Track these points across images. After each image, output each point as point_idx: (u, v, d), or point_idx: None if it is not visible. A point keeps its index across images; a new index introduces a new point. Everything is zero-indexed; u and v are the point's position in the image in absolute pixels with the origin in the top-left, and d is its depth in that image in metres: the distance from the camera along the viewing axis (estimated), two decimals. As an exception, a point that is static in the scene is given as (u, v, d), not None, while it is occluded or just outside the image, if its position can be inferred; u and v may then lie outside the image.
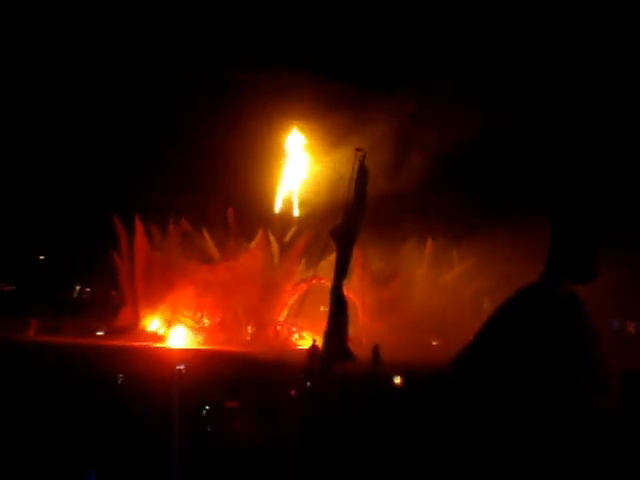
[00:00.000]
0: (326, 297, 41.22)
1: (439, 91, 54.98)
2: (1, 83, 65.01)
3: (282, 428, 14.34)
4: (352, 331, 40.60)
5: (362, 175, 25.67)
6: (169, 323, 54.70)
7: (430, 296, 55.46)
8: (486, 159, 61.53)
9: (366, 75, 66.39)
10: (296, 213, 65.91)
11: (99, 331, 53.07)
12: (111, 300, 65.40)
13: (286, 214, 65.80)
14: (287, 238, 61.09)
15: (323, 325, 37.58)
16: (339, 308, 34.45)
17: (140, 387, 19.82)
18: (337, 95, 58.37)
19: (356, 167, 26.37)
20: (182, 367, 25.19)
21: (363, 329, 50.88)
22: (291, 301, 57.59)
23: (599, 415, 4.76)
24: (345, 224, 30.80)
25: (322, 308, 45.08)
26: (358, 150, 26.58)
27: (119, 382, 21.09)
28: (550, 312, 4.98)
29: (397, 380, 25.13)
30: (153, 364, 27.73)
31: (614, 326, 53.16)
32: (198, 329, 55.22)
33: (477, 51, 61.67)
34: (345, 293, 38.82)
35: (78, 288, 77.33)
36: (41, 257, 75.60)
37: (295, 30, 70.70)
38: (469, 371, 5.09)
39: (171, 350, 44.86)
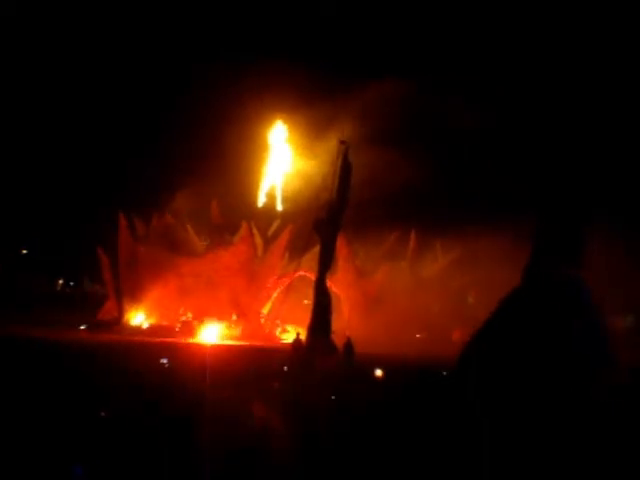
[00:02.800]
0: (310, 290, 41.38)
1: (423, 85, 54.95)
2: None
3: (271, 420, 14.38)
4: (336, 324, 40.75)
5: (346, 168, 25.75)
6: (201, 319, 54.36)
7: (414, 289, 55.55)
8: (471, 152, 61.68)
9: (350, 66, 66.47)
10: (279, 207, 65.85)
11: (82, 325, 52.81)
12: (95, 294, 65.25)
13: (270, 208, 65.72)
14: (270, 232, 61.03)
15: (307, 318, 37.66)
16: (323, 301, 34.57)
17: (130, 378, 19.81)
18: (321, 87, 58.33)
19: (340, 160, 26.37)
20: (165, 361, 25.27)
21: (347, 322, 50.90)
22: (275, 294, 57.57)
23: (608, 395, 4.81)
24: (329, 217, 30.79)
25: (306, 301, 45.13)
26: (342, 143, 26.55)
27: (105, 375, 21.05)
28: (564, 299, 5.02)
29: (378, 373, 25.24)
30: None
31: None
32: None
33: (461, 48, 61.79)
34: (329, 286, 38.89)
35: (61, 282, 77.15)
36: (24, 251, 75.28)
37: (278, 23, 70.79)
38: (478, 362, 5.09)
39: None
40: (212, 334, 51.34)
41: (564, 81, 60.35)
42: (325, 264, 38.30)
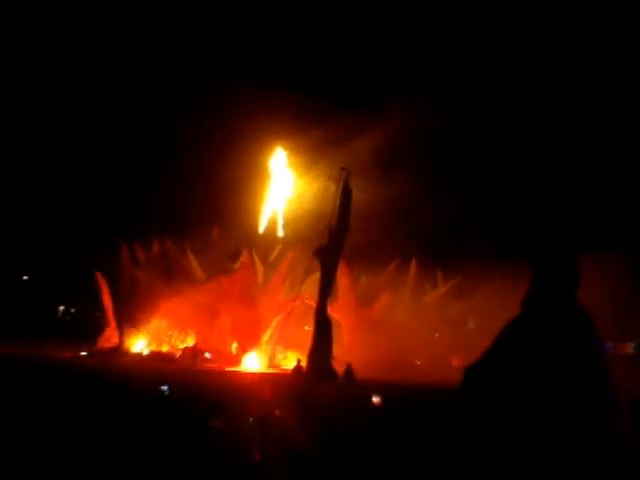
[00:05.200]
0: (310, 317, 41.25)
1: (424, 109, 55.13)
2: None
3: (268, 448, 14.33)
4: (337, 351, 40.67)
5: (346, 195, 25.82)
6: (244, 347, 54.32)
7: (414, 316, 55.46)
8: (472, 178, 61.85)
9: (351, 92, 66.79)
10: (280, 233, 65.84)
11: (82, 352, 52.70)
12: (95, 320, 65.10)
13: (271, 234, 65.70)
14: (272, 258, 61.00)
15: (307, 345, 37.53)
16: (323, 328, 34.59)
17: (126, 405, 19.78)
18: (321, 113, 58.59)
19: (340, 187, 26.40)
20: (166, 388, 25.18)
21: (348, 348, 50.82)
22: (275, 321, 57.41)
23: (612, 438, 4.83)
24: (330, 244, 30.78)
25: (306, 327, 45.08)
26: (342, 169, 26.59)
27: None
28: (561, 325, 5.07)
29: (376, 400, 25.24)
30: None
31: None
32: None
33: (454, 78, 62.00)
34: (330, 313, 38.87)
35: (62, 308, 77.03)
36: (25, 277, 75.24)
37: (276, 49, 71.21)
38: (486, 385, 5.13)
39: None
40: (253, 362, 51.51)
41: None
42: (326, 291, 38.31)
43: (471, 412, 5.43)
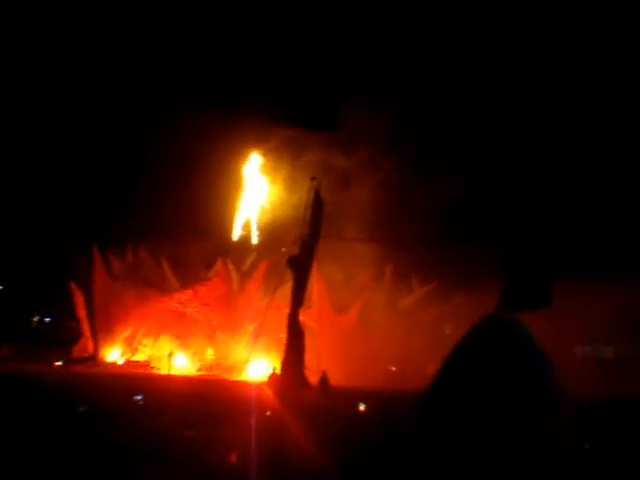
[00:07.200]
0: (284, 324, 41.11)
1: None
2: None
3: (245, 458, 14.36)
4: (311, 358, 40.65)
5: (317, 204, 25.89)
6: (248, 357, 54.25)
7: (390, 322, 55.49)
8: (442, 185, 61.91)
9: (322, 98, 66.69)
10: (255, 240, 65.86)
11: (57, 361, 52.43)
12: (70, 330, 64.74)
13: (245, 241, 65.68)
14: (246, 265, 60.95)
15: (282, 351, 37.38)
16: (296, 336, 34.54)
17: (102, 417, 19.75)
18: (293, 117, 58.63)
19: (311, 196, 26.45)
20: (140, 398, 25.13)
21: (323, 356, 50.85)
22: (250, 328, 57.36)
23: (550, 440, 4.92)
24: (301, 254, 30.78)
25: (281, 335, 45.13)
26: (313, 179, 26.64)
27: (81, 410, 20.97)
28: (495, 343, 5.15)
29: (361, 407, 25.33)
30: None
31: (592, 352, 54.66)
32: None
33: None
34: (304, 320, 38.91)
35: (37, 318, 76.50)
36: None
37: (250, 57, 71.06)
38: (431, 410, 5.23)
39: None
40: (260, 370, 51.48)
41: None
42: (298, 300, 38.37)
43: (429, 424, 5.52)
